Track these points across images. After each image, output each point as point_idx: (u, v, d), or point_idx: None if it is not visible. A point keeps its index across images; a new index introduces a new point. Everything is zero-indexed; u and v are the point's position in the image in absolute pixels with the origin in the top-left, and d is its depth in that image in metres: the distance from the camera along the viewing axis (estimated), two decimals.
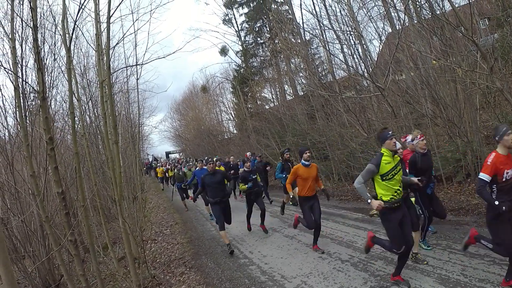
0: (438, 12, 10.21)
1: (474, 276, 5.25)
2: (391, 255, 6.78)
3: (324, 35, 17.91)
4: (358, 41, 14.96)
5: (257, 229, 10.68)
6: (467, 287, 4.97)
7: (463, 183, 10.40)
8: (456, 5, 9.49)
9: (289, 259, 7.73)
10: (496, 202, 4.43)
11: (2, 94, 8.53)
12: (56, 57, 9.91)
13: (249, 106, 30.18)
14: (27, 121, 7.93)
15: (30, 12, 5.81)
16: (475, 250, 6.22)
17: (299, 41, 22.16)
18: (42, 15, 9.12)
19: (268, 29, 28.55)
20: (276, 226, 10.62)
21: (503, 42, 10.45)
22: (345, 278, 6.24)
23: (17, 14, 7.12)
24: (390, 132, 5.19)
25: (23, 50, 8.41)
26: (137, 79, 11.73)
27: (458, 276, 5.36)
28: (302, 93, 23.19)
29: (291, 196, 8.63)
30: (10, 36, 6.95)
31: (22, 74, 8.19)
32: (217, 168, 10.41)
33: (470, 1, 8.67)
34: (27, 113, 8.13)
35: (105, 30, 7.52)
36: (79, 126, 9.63)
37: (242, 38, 30.57)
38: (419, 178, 6.02)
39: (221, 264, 8.33)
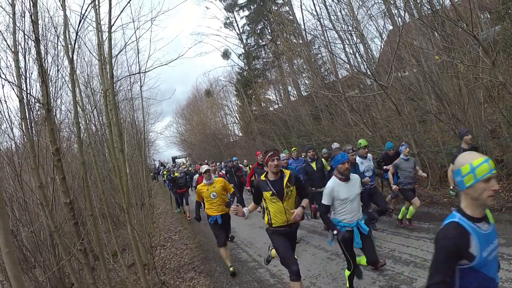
0: (438, 8, 10.21)
1: None
2: (399, 254, 6.79)
3: (326, 35, 17.93)
4: (359, 40, 14.97)
5: (265, 232, 10.70)
6: None
7: None
8: (456, 0, 9.47)
9: (298, 260, 7.72)
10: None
11: (7, 105, 8.56)
12: (59, 67, 9.97)
13: (254, 108, 30.26)
14: (33, 131, 7.98)
15: (31, 25, 5.86)
16: None
17: (301, 42, 22.18)
18: (44, 26, 9.18)
19: (269, 31, 28.62)
20: None
21: (504, 36, 10.43)
22: (354, 278, 6.24)
23: (18, 27, 7.18)
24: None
25: (27, 61, 8.46)
26: (141, 86, 11.81)
27: None
28: (306, 94, 23.23)
29: None
30: (13, 49, 7.01)
31: (26, 86, 8.25)
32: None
33: None
34: (32, 123, 8.18)
35: (107, 39, 7.58)
36: (84, 135, 9.69)
37: (244, 41, 30.69)
38: None
39: None
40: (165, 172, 29.70)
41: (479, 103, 10.23)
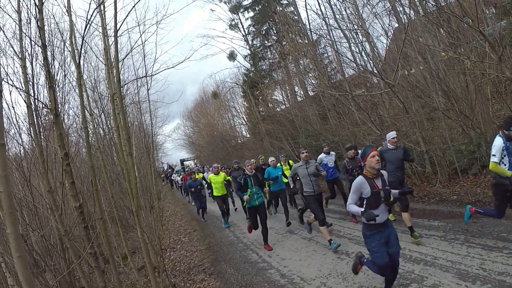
0: (443, 4, 10.17)
1: (493, 270, 5.21)
2: (409, 252, 6.77)
3: (331, 35, 17.91)
4: (365, 39, 14.93)
5: (274, 232, 10.70)
6: (487, 280, 4.94)
7: (479, 175, 10.31)
8: None
9: (308, 261, 7.73)
10: None
11: (15, 111, 8.65)
12: (66, 72, 10.03)
13: (261, 109, 30.22)
14: (42, 137, 8.03)
15: (38, 31, 5.90)
16: (493, 243, 6.19)
17: (307, 41, 22.15)
18: (50, 32, 9.22)
19: (275, 31, 28.59)
20: (293, 229, 10.62)
21: (510, 30, 10.36)
22: (364, 277, 6.22)
23: (25, 33, 7.22)
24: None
25: (34, 67, 8.52)
26: (148, 90, 11.82)
27: (477, 270, 5.33)
28: (313, 94, 23.19)
29: None
30: (20, 55, 7.06)
31: (34, 91, 8.30)
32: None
33: None
34: (41, 129, 8.22)
35: (113, 43, 7.62)
36: (93, 139, 9.74)
37: (250, 42, 30.68)
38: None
39: (240, 269, 8.34)
40: (199, 175, 19.23)
41: (486, 99, 10.17)
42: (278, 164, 12.56)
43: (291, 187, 9.46)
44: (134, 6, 7.40)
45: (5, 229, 5.95)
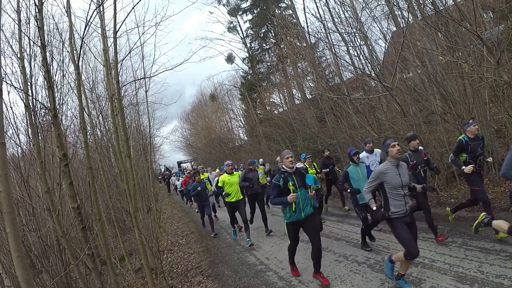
0: (441, 8, 10.20)
1: (491, 272, 5.23)
2: None
3: (329, 38, 17.91)
4: (363, 42, 14.97)
5: (271, 234, 10.70)
6: (485, 283, 4.95)
7: None
8: (459, 0, 9.44)
9: (306, 263, 7.71)
10: None
11: (13, 112, 8.61)
12: (64, 73, 10.00)
13: (259, 112, 30.27)
14: (39, 137, 8.00)
15: (37, 31, 5.90)
16: (491, 246, 6.20)
17: (305, 44, 22.19)
18: (49, 32, 9.20)
19: (273, 34, 28.67)
20: None
21: (508, 34, 10.40)
22: (362, 280, 6.23)
23: (24, 33, 7.21)
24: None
25: (32, 68, 8.50)
26: (146, 92, 11.76)
27: (475, 273, 5.34)
28: (311, 97, 23.24)
29: None
30: (18, 55, 7.03)
31: (32, 92, 8.28)
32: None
33: None
34: (39, 129, 8.19)
35: (112, 45, 7.62)
36: (91, 140, 9.71)
37: (248, 45, 30.78)
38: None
39: (238, 271, 8.33)
40: (204, 175, 16.64)
41: (484, 103, 10.19)
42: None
43: (374, 208, 5.71)
44: (133, 8, 7.42)
45: (2, 229, 5.95)
